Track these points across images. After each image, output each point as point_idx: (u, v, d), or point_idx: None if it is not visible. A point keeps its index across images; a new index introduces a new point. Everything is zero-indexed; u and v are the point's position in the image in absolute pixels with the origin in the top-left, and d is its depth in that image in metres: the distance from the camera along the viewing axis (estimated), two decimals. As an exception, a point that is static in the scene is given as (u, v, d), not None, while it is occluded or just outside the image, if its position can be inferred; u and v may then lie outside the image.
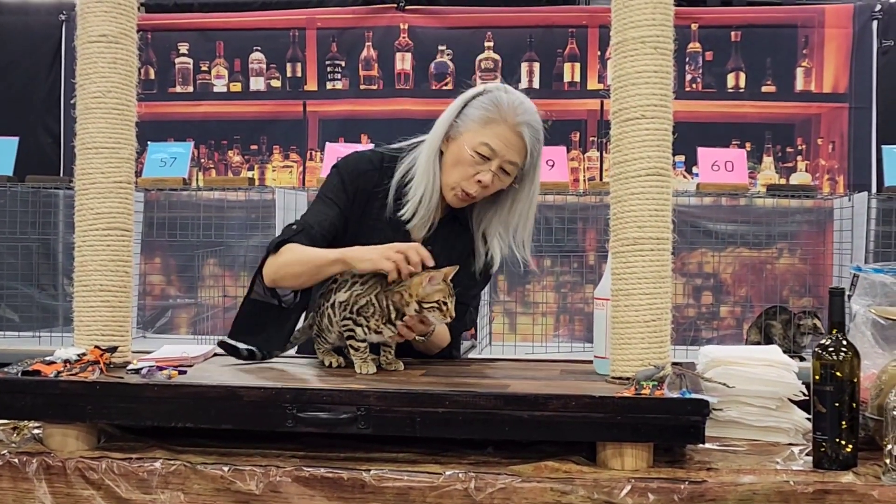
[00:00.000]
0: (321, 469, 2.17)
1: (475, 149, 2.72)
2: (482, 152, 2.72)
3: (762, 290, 5.17)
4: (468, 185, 2.75)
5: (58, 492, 2.23)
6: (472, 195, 2.77)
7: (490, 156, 2.72)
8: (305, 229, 2.79)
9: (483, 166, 2.73)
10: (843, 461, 2.13)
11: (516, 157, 2.74)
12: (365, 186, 2.85)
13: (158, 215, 5.29)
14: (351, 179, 2.85)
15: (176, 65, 6.05)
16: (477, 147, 2.72)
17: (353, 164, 2.89)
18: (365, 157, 2.91)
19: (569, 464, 2.17)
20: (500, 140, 2.72)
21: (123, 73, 2.61)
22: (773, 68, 5.70)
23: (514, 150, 2.73)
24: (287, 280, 2.74)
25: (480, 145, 2.72)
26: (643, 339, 2.39)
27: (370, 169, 2.87)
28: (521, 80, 5.81)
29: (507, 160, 2.73)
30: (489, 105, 2.75)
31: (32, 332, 5.08)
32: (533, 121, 2.75)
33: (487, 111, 2.74)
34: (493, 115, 2.73)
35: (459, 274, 2.71)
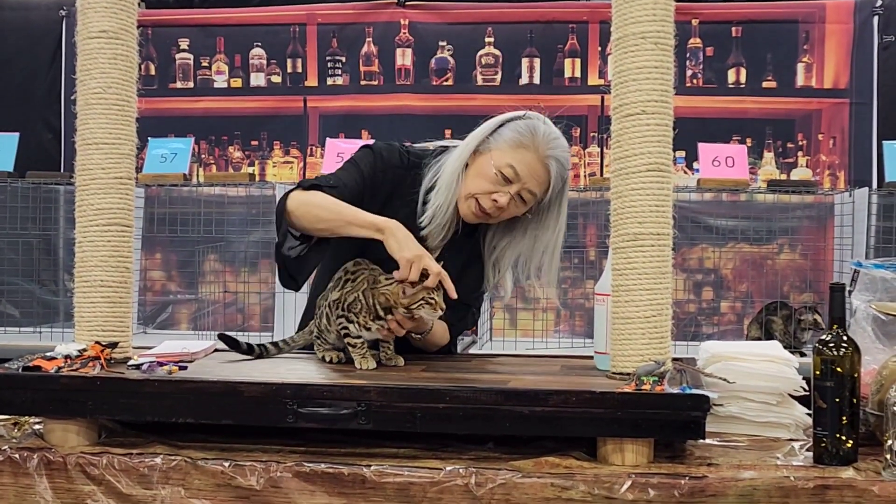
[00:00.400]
0: (322, 464, 2.17)
1: (500, 168, 2.73)
2: (506, 173, 2.72)
3: (763, 286, 5.17)
4: (483, 199, 2.75)
5: (58, 487, 2.24)
6: (486, 211, 2.76)
7: (513, 179, 2.73)
8: (339, 187, 2.75)
9: (503, 188, 2.74)
10: (844, 457, 2.14)
11: (537, 187, 2.75)
12: (392, 180, 2.84)
13: (159, 211, 5.29)
14: (384, 167, 2.84)
15: (176, 60, 6.05)
16: (502, 167, 2.73)
17: (388, 155, 2.87)
18: (397, 152, 2.89)
19: (569, 459, 2.18)
20: (526, 166, 2.73)
21: (124, 68, 2.61)
22: (774, 64, 5.69)
23: (536, 180, 2.74)
24: (305, 219, 2.68)
25: (506, 166, 2.73)
26: (644, 335, 2.39)
27: (400, 166, 2.86)
28: (521, 76, 5.81)
29: (528, 188, 2.74)
30: (525, 130, 2.76)
31: (33, 327, 5.08)
32: (563, 157, 2.77)
33: (521, 135, 2.75)
34: (527, 140, 2.74)
35: (466, 277, 2.75)
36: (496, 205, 2.73)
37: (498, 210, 2.75)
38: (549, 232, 2.86)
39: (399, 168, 2.86)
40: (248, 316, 5.29)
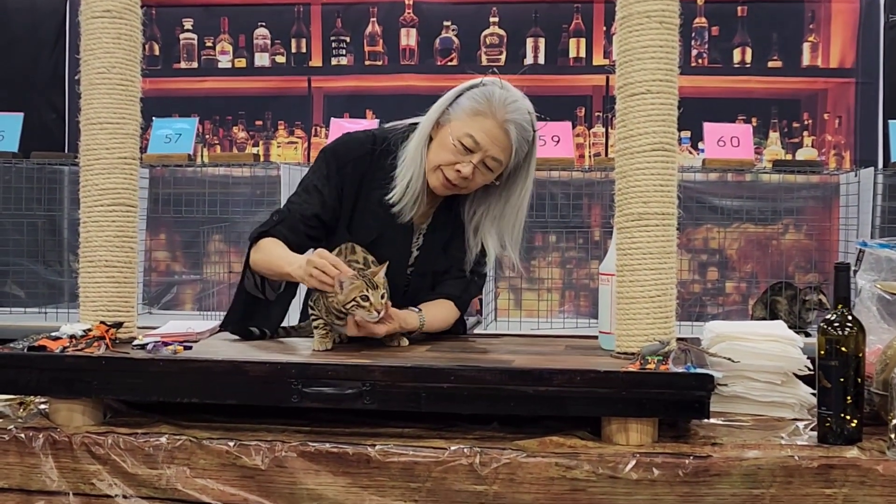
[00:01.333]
0: (326, 444, 2.18)
1: (460, 139, 2.72)
2: (466, 143, 2.72)
3: (768, 266, 5.16)
4: (448, 170, 2.75)
5: (64, 467, 2.24)
6: (454, 183, 2.77)
7: (473, 148, 2.72)
8: (286, 219, 2.84)
9: (464, 157, 2.73)
10: (848, 436, 2.14)
11: (500, 153, 2.74)
12: (356, 170, 2.85)
13: (163, 191, 5.28)
14: (339, 166, 2.86)
15: (180, 40, 6.03)
16: (462, 137, 2.72)
17: (344, 151, 2.89)
18: (356, 141, 2.91)
19: (574, 439, 2.18)
20: (485, 134, 2.72)
21: (127, 48, 2.60)
22: (780, 43, 5.67)
23: (498, 147, 2.73)
24: (264, 274, 2.81)
25: (465, 136, 2.72)
26: (648, 315, 2.39)
27: (362, 154, 2.87)
28: (526, 56, 5.79)
29: (491, 156, 2.73)
30: (481, 98, 2.75)
31: (38, 308, 5.08)
32: (522, 120, 2.75)
33: (478, 103, 2.74)
34: (483, 108, 2.73)
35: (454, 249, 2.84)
36: (460, 175, 2.74)
37: (463, 180, 2.76)
38: (516, 193, 2.86)
39: (362, 157, 2.87)
40: (252, 296, 5.29)
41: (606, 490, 2.08)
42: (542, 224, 5.07)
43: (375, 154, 2.86)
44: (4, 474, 2.27)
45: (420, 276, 2.89)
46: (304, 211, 2.84)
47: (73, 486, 2.24)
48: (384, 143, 2.87)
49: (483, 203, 2.89)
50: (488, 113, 2.72)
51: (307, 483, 2.16)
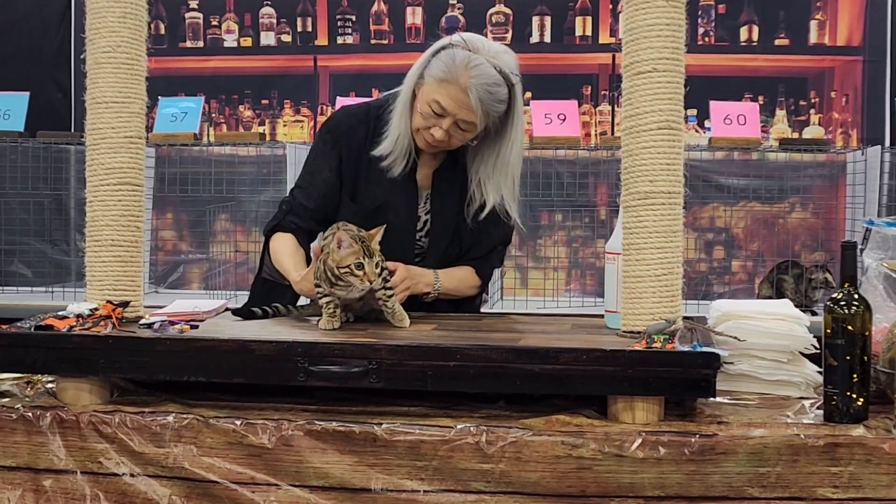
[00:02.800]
0: (333, 423, 2.18)
1: (429, 104, 2.76)
2: (434, 109, 2.76)
3: (774, 245, 5.15)
4: (424, 133, 2.81)
5: (71, 445, 2.25)
6: (434, 143, 2.82)
7: (441, 113, 2.75)
8: (294, 208, 2.93)
9: (435, 121, 2.77)
10: (854, 415, 2.14)
11: (470, 116, 2.75)
12: (352, 141, 2.91)
13: (170, 171, 5.28)
14: (335, 140, 2.93)
15: (186, 20, 6.02)
16: (430, 103, 2.76)
17: (337, 123, 2.97)
18: (351, 113, 2.98)
19: (580, 417, 2.18)
20: (450, 100, 2.74)
21: (133, 27, 2.60)
22: (787, 21, 5.65)
23: (466, 110, 2.75)
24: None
25: (433, 102, 2.76)
26: (654, 294, 2.39)
27: (356, 124, 2.93)
28: (532, 34, 5.78)
29: (461, 119, 2.76)
30: (446, 62, 2.77)
31: (45, 287, 5.10)
32: (487, 82, 2.74)
33: (442, 70, 2.76)
34: (447, 74, 2.75)
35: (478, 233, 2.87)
36: (434, 138, 2.78)
37: (439, 142, 2.80)
38: (505, 147, 2.87)
39: (357, 126, 2.93)
40: (259, 275, 5.29)
41: (612, 468, 2.09)
42: (548, 203, 5.07)
43: (371, 123, 2.92)
44: (12, 453, 2.28)
45: (434, 242, 2.91)
46: (310, 193, 2.92)
47: (80, 465, 2.25)
48: (379, 110, 2.92)
49: (478, 156, 2.91)
50: (452, 79, 2.74)
51: (314, 461, 2.17)
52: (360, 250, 2.52)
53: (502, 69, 2.76)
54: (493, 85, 2.74)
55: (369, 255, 2.53)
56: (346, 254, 2.52)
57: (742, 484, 2.07)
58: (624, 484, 2.09)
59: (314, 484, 2.17)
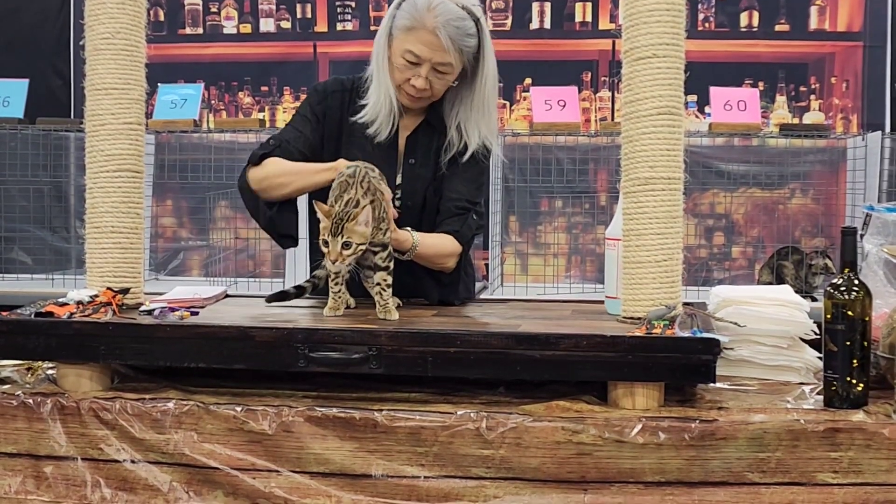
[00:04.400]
0: (333, 409, 2.18)
1: (403, 55, 2.80)
2: (409, 59, 2.79)
3: (774, 231, 5.15)
4: (405, 86, 2.84)
5: (72, 432, 2.25)
6: (418, 96, 2.84)
7: (417, 61, 2.78)
8: (283, 145, 2.91)
9: (413, 71, 2.80)
10: (854, 400, 2.14)
11: (445, 57, 2.78)
12: (332, 104, 2.96)
13: (169, 157, 5.27)
14: (319, 100, 2.97)
15: (185, 6, 6.01)
16: (403, 54, 2.79)
17: (323, 86, 3.03)
18: (337, 80, 3.04)
19: (580, 403, 2.19)
20: (422, 45, 2.77)
21: (132, 13, 2.60)
22: (787, 7, 5.64)
23: (440, 52, 2.77)
24: (273, 189, 2.86)
25: (406, 52, 2.79)
26: (654, 279, 2.39)
27: (338, 89, 2.98)
28: (532, 20, 5.77)
29: (437, 62, 2.79)
30: (409, 10, 2.80)
31: (45, 274, 5.09)
32: (453, 18, 2.77)
33: (408, 19, 2.79)
34: (413, 22, 2.78)
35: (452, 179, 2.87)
36: (416, 88, 2.81)
37: (422, 91, 2.82)
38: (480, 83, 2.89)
39: (337, 91, 2.98)
40: (259, 262, 5.30)
41: (613, 454, 2.09)
42: (548, 189, 5.06)
43: (355, 89, 2.96)
44: (13, 439, 2.28)
45: (407, 207, 2.90)
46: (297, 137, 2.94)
47: (81, 452, 2.25)
48: (359, 80, 2.97)
49: (457, 100, 2.92)
50: (419, 25, 2.77)
51: (314, 448, 2.17)
52: (329, 226, 2.43)
53: (464, 4, 2.80)
54: (459, 20, 2.78)
55: (334, 232, 2.42)
56: (323, 226, 2.45)
57: (742, 469, 2.08)
58: (624, 469, 2.09)
59: (315, 470, 2.17)
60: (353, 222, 2.42)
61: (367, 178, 2.54)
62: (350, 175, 2.53)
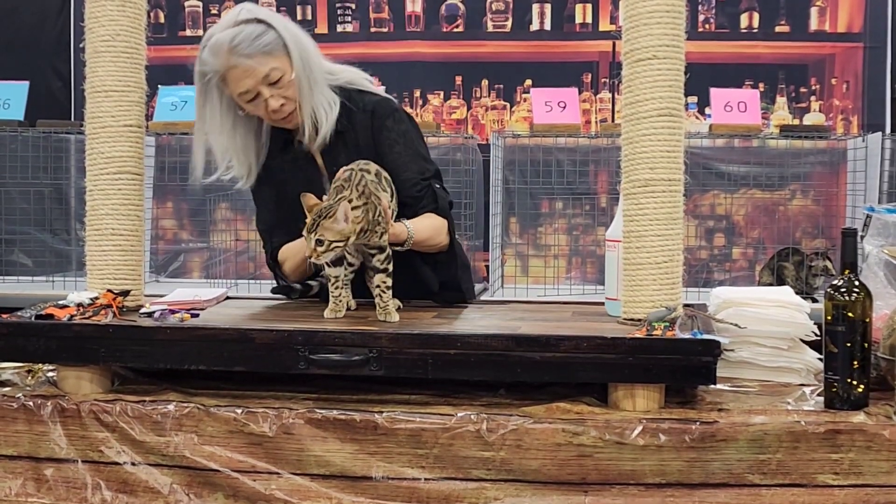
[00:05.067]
0: (334, 411, 2.18)
1: (242, 99, 2.76)
2: (245, 99, 2.75)
3: (775, 232, 5.15)
4: (270, 115, 2.79)
5: (72, 434, 2.25)
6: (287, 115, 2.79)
7: (252, 95, 2.74)
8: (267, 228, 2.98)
9: (260, 101, 2.75)
10: (855, 401, 2.14)
11: (261, 71, 2.72)
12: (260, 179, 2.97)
13: (170, 159, 5.27)
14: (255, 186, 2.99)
15: (185, 8, 6.01)
16: (239, 97, 2.76)
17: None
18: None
19: (580, 405, 2.18)
20: (240, 80, 2.72)
21: (132, 15, 2.60)
22: (787, 8, 5.64)
23: (255, 72, 2.71)
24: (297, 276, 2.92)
25: (238, 97, 2.76)
26: (655, 281, 2.39)
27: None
28: (532, 22, 5.77)
29: (264, 77, 2.72)
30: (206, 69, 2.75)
31: (45, 276, 5.09)
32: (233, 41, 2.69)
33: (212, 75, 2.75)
34: (215, 74, 2.74)
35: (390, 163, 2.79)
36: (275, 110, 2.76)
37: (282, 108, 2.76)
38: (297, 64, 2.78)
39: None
40: (259, 264, 5.29)
41: (613, 456, 2.09)
42: (548, 190, 5.06)
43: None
44: (13, 442, 2.28)
45: None
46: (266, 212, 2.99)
47: (81, 454, 2.25)
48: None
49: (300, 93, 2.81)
50: (221, 70, 2.72)
51: (315, 450, 2.17)
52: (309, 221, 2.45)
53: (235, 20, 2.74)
54: (238, 36, 2.71)
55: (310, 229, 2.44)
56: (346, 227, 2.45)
57: (742, 471, 2.07)
58: (625, 471, 2.09)
59: (315, 472, 2.17)
60: (331, 219, 2.41)
61: (363, 181, 2.52)
62: (346, 179, 2.52)
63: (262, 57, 2.71)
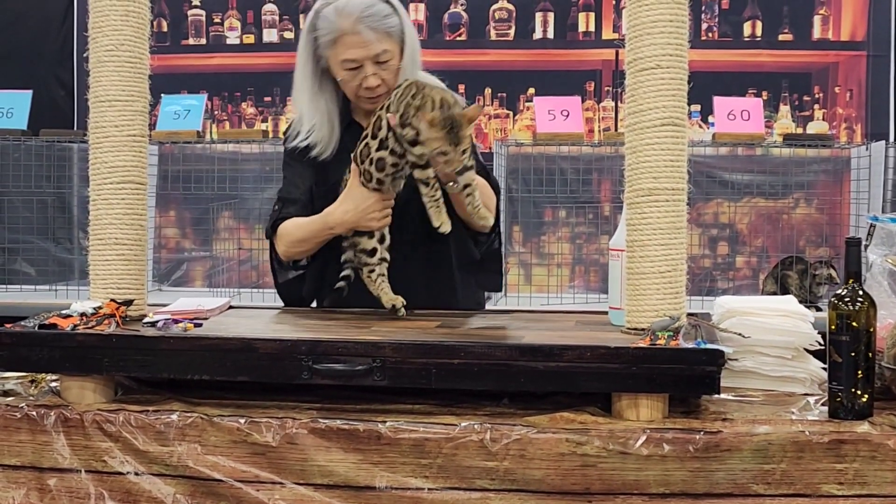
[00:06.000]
0: (337, 421, 2.18)
1: (342, 66, 2.81)
2: (349, 67, 2.81)
3: (778, 241, 5.15)
4: (362, 92, 2.84)
5: (76, 444, 2.25)
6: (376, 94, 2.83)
7: (357, 66, 2.80)
8: (286, 200, 2.98)
9: (360, 73, 2.81)
10: (859, 411, 2.14)
11: (377, 48, 2.79)
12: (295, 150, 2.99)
13: (173, 168, 5.28)
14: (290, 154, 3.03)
15: (188, 17, 6.02)
16: (342, 65, 2.81)
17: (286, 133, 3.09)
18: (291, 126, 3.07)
19: (584, 415, 2.18)
20: (352, 48, 2.79)
21: (136, 25, 2.60)
22: (790, 16, 5.65)
23: (370, 46, 2.78)
24: (300, 255, 2.95)
25: (343, 62, 2.81)
26: (658, 290, 2.38)
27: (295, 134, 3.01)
28: (535, 31, 5.78)
29: (374, 54, 2.79)
30: (326, 25, 2.82)
31: (49, 285, 5.10)
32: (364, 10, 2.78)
33: (327, 33, 2.81)
34: (333, 33, 2.80)
35: None
36: (371, 88, 2.82)
37: (377, 88, 2.82)
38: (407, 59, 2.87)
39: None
40: (262, 273, 5.29)
41: (617, 466, 2.08)
42: (551, 199, 5.06)
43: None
44: (17, 452, 2.28)
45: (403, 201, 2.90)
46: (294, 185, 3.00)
47: (84, 464, 2.25)
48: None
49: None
50: (338, 33, 2.79)
51: (318, 459, 2.17)
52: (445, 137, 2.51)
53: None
54: (369, 8, 2.80)
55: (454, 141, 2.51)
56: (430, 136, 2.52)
57: (747, 481, 2.07)
58: (628, 481, 2.08)
59: (319, 482, 2.17)
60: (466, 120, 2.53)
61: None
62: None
63: (382, 35, 2.80)
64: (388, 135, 2.66)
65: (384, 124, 2.66)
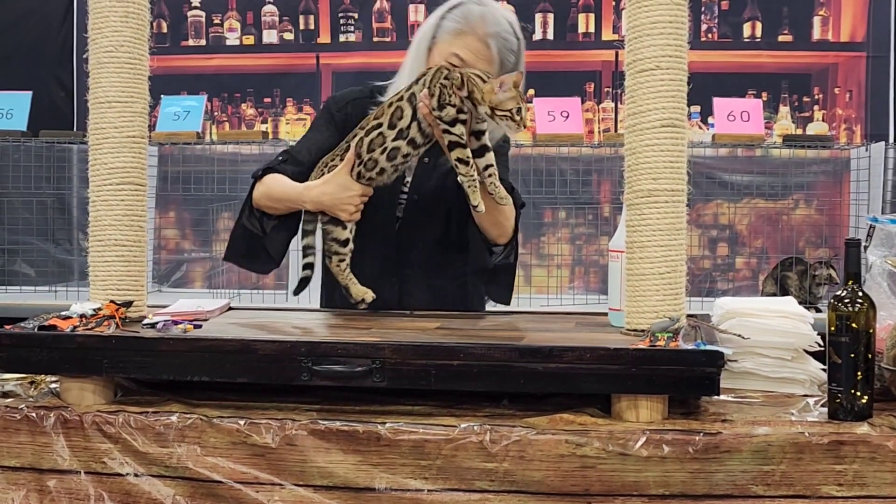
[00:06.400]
0: (337, 422, 2.18)
1: (447, 59, 2.80)
2: (453, 63, 2.78)
3: (778, 242, 5.15)
4: None
5: (75, 445, 2.25)
6: None
7: (460, 66, 2.77)
8: (292, 156, 2.95)
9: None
10: (859, 412, 2.14)
11: (486, 67, 2.79)
12: (354, 112, 2.94)
13: (172, 169, 5.28)
14: (339, 108, 3.00)
15: (188, 18, 6.02)
16: (448, 58, 2.80)
17: (342, 94, 3.05)
18: (356, 88, 3.05)
19: (584, 416, 2.18)
20: (469, 51, 2.79)
21: (136, 26, 2.60)
22: (790, 17, 5.65)
23: (483, 61, 2.80)
24: (267, 210, 2.91)
25: (451, 56, 2.80)
26: (658, 291, 2.38)
27: (360, 97, 2.99)
28: (535, 31, 5.78)
29: (479, 67, 2.77)
30: (460, 18, 2.83)
31: (48, 286, 5.10)
32: (503, 31, 2.82)
33: (458, 23, 2.82)
34: (464, 27, 2.81)
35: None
36: None
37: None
38: None
39: (359, 98, 2.99)
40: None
41: (616, 467, 2.08)
42: (551, 200, 5.07)
43: (372, 98, 2.95)
44: (16, 453, 2.28)
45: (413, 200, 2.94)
46: (310, 147, 2.96)
47: (84, 465, 2.24)
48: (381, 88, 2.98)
49: None
50: (468, 31, 2.81)
51: (317, 461, 2.17)
52: (517, 96, 2.57)
53: (511, 21, 2.86)
54: (507, 34, 2.83)
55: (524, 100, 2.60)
56: (506, 98, 2.57)
57: (746, 482, 2.07)
58: (628, 482, 2.08)
59: (318, 483, 2.17)
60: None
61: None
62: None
63: (497, 58, 2.82)
64: (409, 124, 2.68)
65: (407, 114, 2.68)
